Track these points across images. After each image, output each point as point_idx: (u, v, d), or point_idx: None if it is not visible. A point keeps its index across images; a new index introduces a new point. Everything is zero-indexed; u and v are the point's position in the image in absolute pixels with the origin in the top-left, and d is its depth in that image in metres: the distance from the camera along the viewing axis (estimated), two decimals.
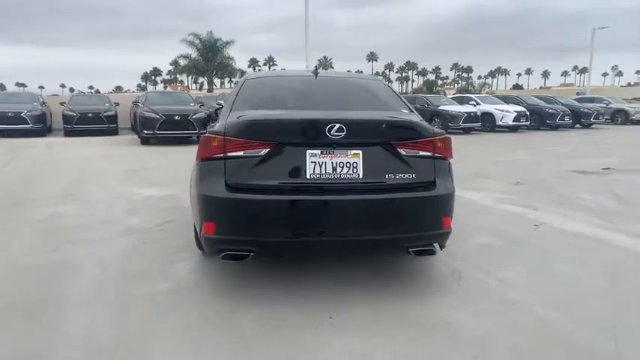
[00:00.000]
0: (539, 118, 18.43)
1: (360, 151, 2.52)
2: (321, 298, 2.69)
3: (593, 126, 19.65)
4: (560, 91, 72.73)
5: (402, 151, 2.57)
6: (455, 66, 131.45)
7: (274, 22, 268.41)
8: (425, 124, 2.72)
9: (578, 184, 6.42)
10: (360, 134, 2.52)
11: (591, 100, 23.02)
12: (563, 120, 18.21)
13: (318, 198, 2.47)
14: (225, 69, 37.74)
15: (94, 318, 2.44)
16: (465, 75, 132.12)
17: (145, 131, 12.21)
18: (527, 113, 17.66)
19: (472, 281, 2.98)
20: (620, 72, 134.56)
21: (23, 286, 2.84)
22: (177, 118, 12.32)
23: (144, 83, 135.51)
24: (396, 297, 2.72)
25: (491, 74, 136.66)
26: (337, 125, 2.46)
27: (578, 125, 19.16)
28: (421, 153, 2.61)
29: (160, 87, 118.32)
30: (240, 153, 2.49)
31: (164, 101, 13.86)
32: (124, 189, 5.83)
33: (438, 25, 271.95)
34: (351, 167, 2.51)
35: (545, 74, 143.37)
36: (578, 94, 38.16)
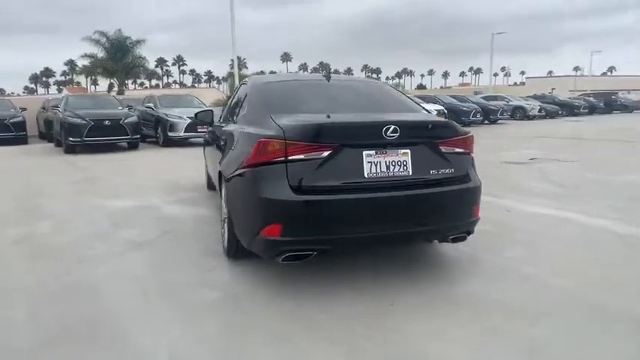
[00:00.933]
0: (454, 116, 20.13)
1: (409, 150, 2.75)
2: (371, 289, 2.87)
3: (499, 122, 21.93)
4: (460, 90, 79.43)
5: (443, 149, 2.85)
6: (365, 67, 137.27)
7: (178, 20, 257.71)
8: (456, 124, 3.03)
9: (517, 174, 7.28)
10: (409, 134, 2.74)
11: (494, 98, 25.63)
12: (476, 117, 20.09)
13: (378, 195, 2.65)
14: (138, 70, 35.63)
15: (172, 333, 2.38)
16: (374, 76, 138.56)
17: (70, 139, 11.23)
18: (446, 111, 19.23)
19: (486, 262, 3.35)
20: (508, 72, 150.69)
21: (71, 315, 2.57)
22: (107, 123, 11.52)
23: (33, 85, 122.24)
24: (433, 282, 2.99)
25: (398, 75, 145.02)
26: (392, 127, 2.66)
27: (486, 121, 21.26)
28: (456, 150, 2.91)
29: (53, 89, 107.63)
30: (302, 156, 2.58)
31: (88, 105, 12.82)
32: (86, 202, 5.43)
33: (349, 27, 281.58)
34: (402, 165, 2.73)
35: (446, 75, 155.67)
36: (476, 93, 42.13)
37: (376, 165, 2.68)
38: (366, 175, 2.66)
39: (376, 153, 2.68)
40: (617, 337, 2.36)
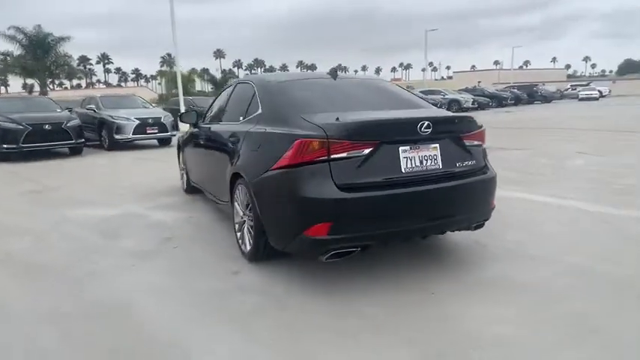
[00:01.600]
0: None
1: (438, 144, 2.86)
2: (406, 281, 2.96)
3: None
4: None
5: (466, 142, 2.99)
6: (300, 63, 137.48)
7: (100, 16, 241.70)
8: (474, 117, 3.18)
9: None
10: (438, 129, 2.84)
11: (431, 92, 26.90)
12: None
13: (417, 189, 2.73)
14: (62, 68, 33.02)
15: (232, 341, 2.30)
16: (309, 72, 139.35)
17: (5, 145, 10.21)
18: None
19: (493, 247, 3.56)
20: (435, 68, 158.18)
21: (116, 338, 2.39)
22: (47, 127, 10.59)
23: None
24: (460, 269, 3.15)
25: None
26: (426, 123, 2.75)
27: None
28: (475, 142, 3.07)
29: None
30: (344, 154, 2.60)
31: (22, 108, 11.64)
32: (51, 214, 4.98)
33: (283, 23, 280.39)
34: (433, 159, 2.83)
35: (378, 71, 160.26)
36: (408, 87, 44.04)
37: (411, 160, 2.76)
38: (403, 171, 2.73)
39: (410, 148, 2.76)
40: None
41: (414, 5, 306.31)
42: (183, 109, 18.19)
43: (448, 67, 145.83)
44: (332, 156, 2.58)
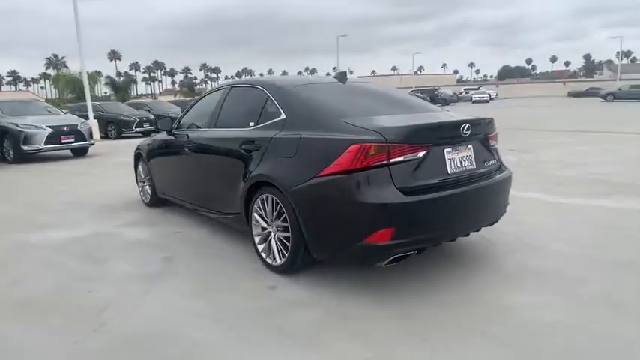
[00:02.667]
0: None
1: (472, 146, 2.99)
2: (442, 281, 3.04)
3: None
4: None
5: (491, 142, 3.17)
6: (204, 66, 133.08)
7: None
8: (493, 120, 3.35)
9: None
10: (473, 131, 2.97)
11: None
12: None
13: (464, 189, 2.83)
14: None
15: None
16: (214, 75, 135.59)
17: None
18: None
19: (498, 240, 3.79)
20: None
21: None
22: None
23: None
24: (485, 264, 3.32)
25: (239, 74, 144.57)
26: (467, 125, 2.86)
27: None
28: (493, 142, 3.26)
29: None
30: (402, 158, 2.60)
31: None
32: (2, 238, 4.28)
33: (183, 24, 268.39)
34: (469, 160, 2.96)
35: (284, 74, 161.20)
36: None
37: (454, 161, 2.86)
38: (449, 172, 2.81)
39: (452, 150, 2.85)
40: None
41: (314, 10, 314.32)
42: (91, 116, 16.61)
43: (351, 72, 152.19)
44: (391, 160, 2.57)
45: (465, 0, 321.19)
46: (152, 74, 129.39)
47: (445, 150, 2.81)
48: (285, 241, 3.03)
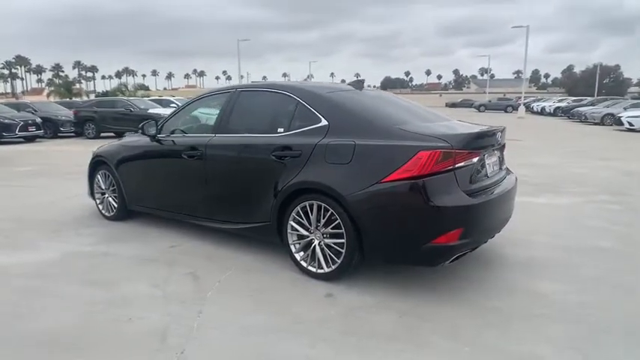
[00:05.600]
0: None
1: (497, 151, 3.32)
2: (481, 280, 3.32)
3: None
4: (186, 92, 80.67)
5: (504, 149, 3.55)
6: (78, 64, 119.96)
7: None
8: None
9: None
10: (501, 139, 3.31)
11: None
12: None
13: (503, 190, 3.14)
14: None
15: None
16: (90, 74, 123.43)
17: None
18: None
19: (497, 236, 4.22)
20: (229, 76, 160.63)
21: None
22: None
23: None
24: (500, 258, 3.69)
25: (118, 74, 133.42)
26: (500, 133, 3.18)
27: None
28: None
29: None
30: (463, 163, 2.81)
31: None
32: None
33: (50, 18, 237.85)
34: (497, 165, 3.30)
35: (170, 76, 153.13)
36: None
37: (490, 166, 3.16)
38: (489, 175, 3.10)
39: (489, 155, 3.15)
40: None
41: (196, 11, 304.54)
42: None
43: (242, 77, 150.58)
44: (456, 165, 2.76)
45: (347, 13, 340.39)
46: (13, 70, 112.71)
47: (486, 155, 3.09)
48: (336, 247, 3.02)
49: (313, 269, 3.16)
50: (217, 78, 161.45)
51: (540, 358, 2.27)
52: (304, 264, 3.21)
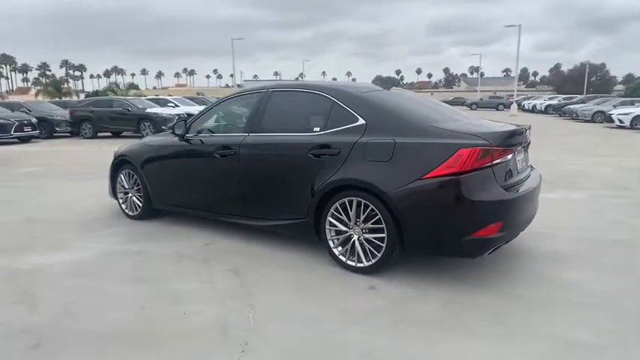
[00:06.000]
0: None
1: (523, 148, 3.46)
2: (514, 271, 3.46)
3: None
4: (178, 91, 79.99)
5: (529, 146, 3.68)
6: (65, 63, 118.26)
7: None
8: None
9: None
10: (528, 137, 3.45)
11: (157, 102, 25.60)
12: None
13: (532, 186, 3.27)
14: None
15: (489, 347, 2.36)
16: (77, 73, 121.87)
17: None
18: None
19: None
20: (220, 75, 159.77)
21: None
22: None
23: None
24: (527, 250, 3.83)
25: (107, 73, 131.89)
26: (528, 131, 3.31)
27: None
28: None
29: None
30: (499, 160, 2.95)
31: None
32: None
33: (35, 16, 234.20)
34: (524, 161, 3.44)
35: (160, 75, 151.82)
36: (198, 94, 43.80)
37: (519, 162, 3.30)
38: (519, 171, 3.24)
39: (517, 152, 3.28)
40: None
41: (186, 10, 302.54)
42: None
43: (232, 75, 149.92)
44: (494, 162, 2.89)
45: (338, 12, 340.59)
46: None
47: (516, 152, 3.23)
48: (376, 241, 3.13)
49: (352, 263, 3.27)
50: (208, 77, 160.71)
51: (581, 342, 2.41)
52: (343, 258, 3.32)
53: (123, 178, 4.92)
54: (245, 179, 3.84)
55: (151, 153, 4.63)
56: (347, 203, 3.23)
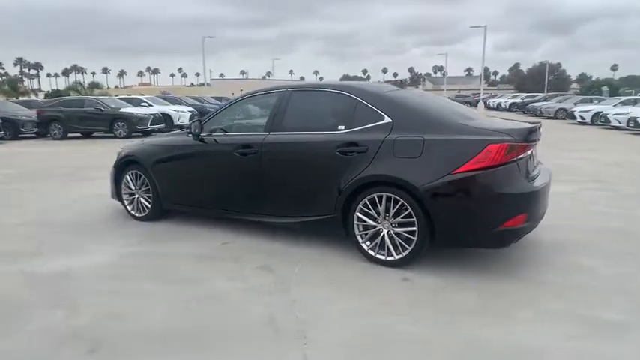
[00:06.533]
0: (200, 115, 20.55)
1: (535, 145, 3.67)
2: (534, 260, 3.67)
3: None
4: (142, 89, 77.78)
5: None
6: (20, 61, 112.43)
7: None
8: None
9: None
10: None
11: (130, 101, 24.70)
12: None
13: (547, 181, 3.48)
14: None
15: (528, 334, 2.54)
16: (34, 72, 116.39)
17: None
18: (198, 112, 19.37)
19: None
20: (185, 74, 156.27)
21: None
22: None
23: None
24: (540, 241, 4.06)
25: (66, 72, 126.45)
26: (540, 128, 3.52)
27: None
28: None
29: None
30: (522, 155, 3.14)
31: None
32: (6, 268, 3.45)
33: None
34: (535, 157, 3.65)
35: (122, 73, 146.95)
36: (162, 92, 42.88)
37: (533, 157, 3.51)
38: (534, 165, 3.46)
39: (532, 148, 3.48)
40: None
41: (147, 8, 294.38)
42: None
43: (197, 74, 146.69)
44: (518, 157, 3.08)
45: (304, 12, 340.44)
46: None
47: (530, 148, 3.43)
48: (406, 235, 3.26)
49: (382, 257, 3.38)
50: (172, 75, 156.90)
51: (609, 321, 2.62)
52: (372, 252, 3.42)
53: (129, 179, 4.83)
54: (268, 177, 3.88)
55: (163, 153, 4.57)
56: (376, 199, 3.34)
